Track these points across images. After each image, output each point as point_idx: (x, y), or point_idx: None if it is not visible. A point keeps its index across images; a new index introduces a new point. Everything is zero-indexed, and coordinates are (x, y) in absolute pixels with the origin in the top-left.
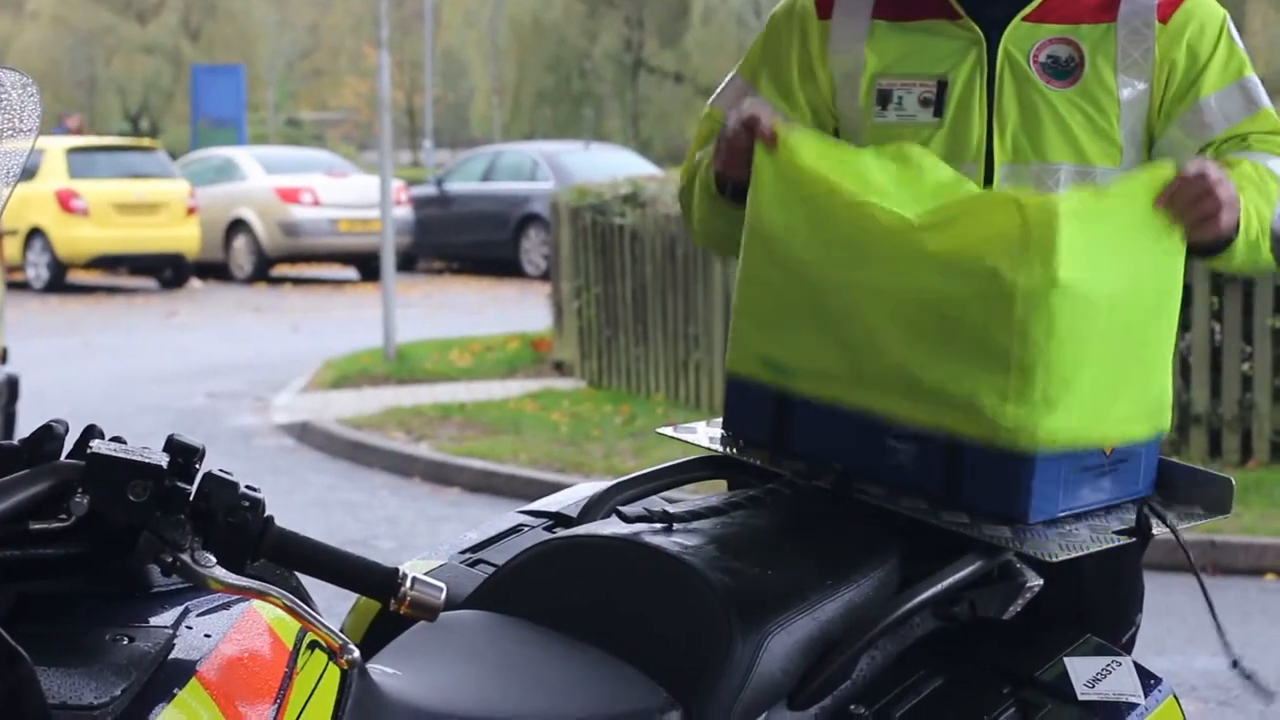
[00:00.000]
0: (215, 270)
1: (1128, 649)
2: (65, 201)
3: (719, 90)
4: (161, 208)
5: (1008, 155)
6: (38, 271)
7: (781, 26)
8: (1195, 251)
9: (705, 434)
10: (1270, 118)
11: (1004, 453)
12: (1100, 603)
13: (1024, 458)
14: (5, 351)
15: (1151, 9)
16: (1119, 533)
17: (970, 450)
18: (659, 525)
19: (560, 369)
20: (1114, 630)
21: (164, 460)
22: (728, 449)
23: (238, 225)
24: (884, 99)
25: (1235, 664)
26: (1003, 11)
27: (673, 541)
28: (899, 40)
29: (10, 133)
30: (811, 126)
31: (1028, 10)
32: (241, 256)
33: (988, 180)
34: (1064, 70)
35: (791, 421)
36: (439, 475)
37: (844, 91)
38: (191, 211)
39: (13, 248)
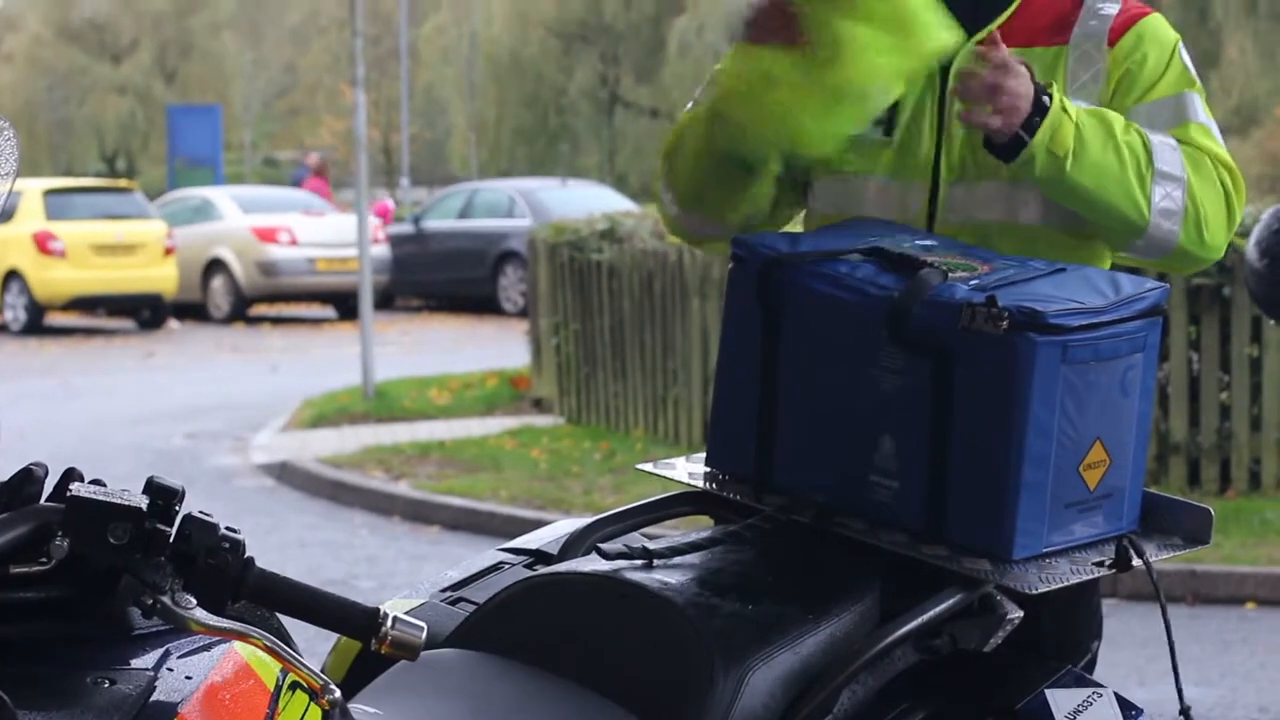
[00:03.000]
0: (193, 310)
1: None
2: (42, 243)
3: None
4: (139, 248)
5: (954, 173)
6: (15, 314)
7: None
8: (990, 149)
9: (685, 469)
10: (1199, 132)
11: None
12: (1056, 631)
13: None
14: None
15: (1103, 33)
16: (1098, 564)
17: (953, 486)
18: (639, 562)
19: (539, 406)
20: (1069, 659)
21: (144, 502)
22: (708, 484)
23: (215, 265)
24: None
25: (1185, 712)
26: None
27: (653, 578)
28: None
29: None
30: None
31: (982, 35)
32: (219, 296)
33: (933, 198)
34: None
35: (773, 456)
36: (419, 514)
37: None
38: (169, 252)
39: None
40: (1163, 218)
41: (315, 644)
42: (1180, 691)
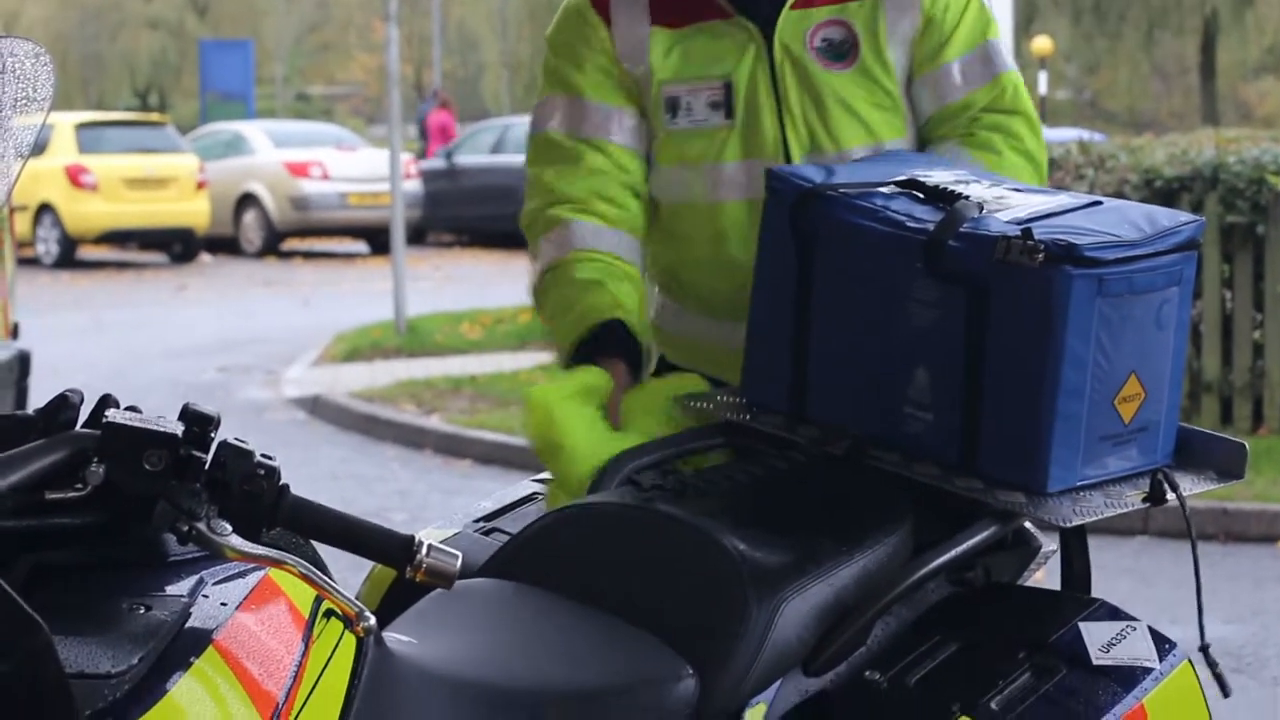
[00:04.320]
0: (225, 245)
1: None
2: (75, 177)
3: (552, 116)
4: (171, 182)
5: (804, 147)
6: (48, 247)
7: (571, 38)
8: None
9: (719, 402)
10: (1006, 81)
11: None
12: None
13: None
14: (16, 327)
15: None
16: (1133, 498)
17: (988, 418)
18: (673, 492)
19: None
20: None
21: (179, 429)
22: (741, 416)
23: (247, 199)
24: (673, 106)
25: (1204, 649)
26: (771, 4)
27: (687, 509)
28: (680, 46)
29: (24, 102)
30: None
31: None
32: (251, 231)
33: None
34: (840, 52)
35: (807, 388)
36: (451, 447)
37: (643, 98)
38: (201, 186)
39: (22, 223)
40: None
41: (349, 575)
42: (1202, 627)
